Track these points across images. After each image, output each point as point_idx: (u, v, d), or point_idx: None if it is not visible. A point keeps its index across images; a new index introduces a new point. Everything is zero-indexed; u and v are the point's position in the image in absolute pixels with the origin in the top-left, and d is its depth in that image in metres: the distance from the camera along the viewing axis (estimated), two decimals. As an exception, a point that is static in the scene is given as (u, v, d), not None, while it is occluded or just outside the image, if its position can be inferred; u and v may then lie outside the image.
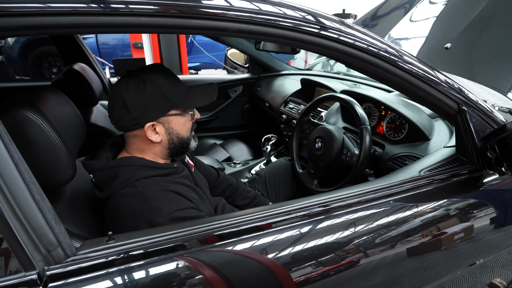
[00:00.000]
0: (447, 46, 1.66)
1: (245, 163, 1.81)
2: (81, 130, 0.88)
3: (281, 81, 2.24)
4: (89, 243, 0.55)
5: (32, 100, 0.71)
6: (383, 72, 0.81)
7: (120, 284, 0.52)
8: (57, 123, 0.73)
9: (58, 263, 0.50)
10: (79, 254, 0.52)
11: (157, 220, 0.71)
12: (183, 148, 0.86)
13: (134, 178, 0.76)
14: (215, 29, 0.64)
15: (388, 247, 0.76)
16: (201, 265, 0.59)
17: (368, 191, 0.78)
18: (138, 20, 0.58)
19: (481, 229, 0.91)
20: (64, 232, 0.54)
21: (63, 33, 0.57)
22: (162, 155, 0.85)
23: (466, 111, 0.89)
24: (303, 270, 0.67)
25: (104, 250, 0.53)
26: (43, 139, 0.67)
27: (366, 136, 1.13)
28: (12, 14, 0.49)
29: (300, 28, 0.69)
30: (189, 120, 0.85)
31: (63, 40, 1.78)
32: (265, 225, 0.67)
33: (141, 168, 0.79)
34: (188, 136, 0.86)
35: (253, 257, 0.65)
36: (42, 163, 0.68)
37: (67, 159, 0.70)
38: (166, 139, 0.82)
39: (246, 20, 0.65)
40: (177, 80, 0.82)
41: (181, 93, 0.81)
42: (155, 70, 0.80)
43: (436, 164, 0.93)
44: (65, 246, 0.51)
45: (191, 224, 0.63)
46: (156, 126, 0.80)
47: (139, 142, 0.82)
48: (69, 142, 0.77)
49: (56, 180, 0.70)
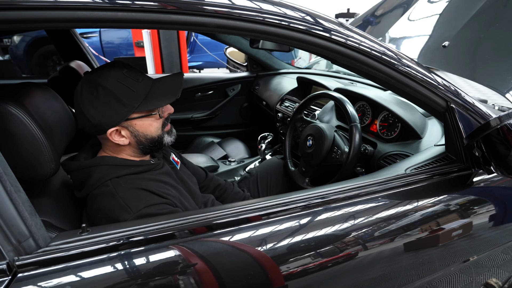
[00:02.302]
0: (445, 44, 1.63)
1: (240, 161, 1.82)
2: (69, 125, 0.88)
3: (279, 79, 2.24)
4: (63, 235, 0.56)
5: (15, 95, 0.72)
6: (367, 68, 0.80)
7: (91, 276, 0.53)
8: (40, 117, 0.74)
9: (29, 253, 0.50)
10: (52, 245, 0.53)
11: (124, 217, 0.70)
12: (156, 147, 0.84)
13: (106, 178, 0.76)
14: (194, 24, 0.64)
15: (370, 246, 0.75)
16: (183, 258, 0.59)
17: (349, 188, 0.77)
18: (116, 15, 0.59)
19: (475, 227, 0.89)
20: (39, 224, 0.54)
21: (58, 27, 0.57)
22: (135, 154, 0.84)
23: (455, 108, 0.88)
24: (292, 263, 0.68)
25: (76, 242, 0.54)
26: (24, 133, 0.68)
27: (356, 134, 1.12)
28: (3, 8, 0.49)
29: (282, 24, 0.69)
30: (156, 120, 0.81)
31: (61, 38, 1.80)
32: (256, 216, 0.67)
33: (114, 167, 0.78)
34: (159, 134, 0.83)
35: (243, 248, 0.65)
36: (24, 156, 0.69)
37: (49, 154, 0.71)
38: (134, 141, 0.80)
39: (226, 16, 0.65)
40: (136, 79, 0.76)
41: (141, 94, 0.76)
42: (110, 72, 0.75)
43: (424, 162, 0.92)
44: (37, 237, 0.52)
45: (179, 216, 0.63)
46: (121, 130, 0.78)
47: (109, 144, 0.82)
48: (53, 137, 0.77)
49: (38, 173, 0.71)
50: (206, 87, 2.27)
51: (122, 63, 0.79)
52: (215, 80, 2.28)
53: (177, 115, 2.24)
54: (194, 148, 2.13)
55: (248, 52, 2.22)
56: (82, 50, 1.85)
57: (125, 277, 0.55)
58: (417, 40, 1.83)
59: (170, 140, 0.87)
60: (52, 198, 0.82)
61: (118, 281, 0.55)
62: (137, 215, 0.71)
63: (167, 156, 0.99)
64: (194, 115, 2.28)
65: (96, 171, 0.77)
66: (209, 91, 2.29)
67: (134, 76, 0.77)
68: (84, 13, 0.56)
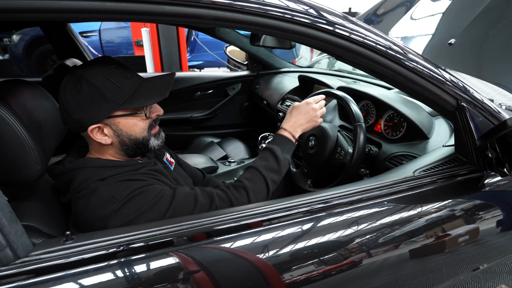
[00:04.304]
0: (451, 41, 1.59)
1: (240, 162, 1.77)
2: (59, 125, 0.84)
3: (280, 78, 2.19)
4: (45, 244, 0.51)
5: (0, 93, 0.68)
6: (374, 64, 0.75)
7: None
8: (27, 117, 0.70)
9: (5, 265, 0.46)
10: (32, 255, 0.48)
11: (112, 207, 0.66)
12: (140, 149, 0.79)
13: (89, 181, 0.71)
14: (189, 16, 0.60)
15: (376, 252, 0.71)
16: (179, 267, 0.55)
17: (355, 191, 0.73)
18: (104, 5, 0.54)
19: (483, 232, 0.85)
20: (19, 231, 0.50)
21: (42, 18, 0.53)
22: (119, 156, 0.79)
23: (466, 107, 0.83)
24: (294, 271, 0.64)
25: (59, 252, 0.50)
26: (8, 133, 0.64)
27: (360, 134, 1.07)
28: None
29: (285, 17, 0.64)
30: (143, 120, 0.77)
31: (57, 36, 1.76)
32: (256, 222, 0.64)
33: (98, 169, 0.74)
34: (144, 136, 0.78)
35: (244, 256, 0.61)
36: (8, 158, 0.64)
37: (35, 155, 0.67)
38: (116, 141, 0.76)
39: (224, 7, 0.60)
40: (124, 76, 0.73)
41: (127, 91, 0.72)
42: (97, 67, 0.71)
43: (433, 164, 0.87)
44: (16, 246, 0.47)
45: (176, 221, 0.59)
46: (103, 128, 0.73)
47: (93, 143, 0.77)
48: (42, 137, 0.73)
49: (23, 176, 0.67)
50: (206, 86, 2.23)
51: (112, 59, 0.75)
52: (215, 79, 2.23)
53: (176, 115, 2.20)
54: (193, 148, 2.09)
55: (249, 50, 2.17)
56: (78, 48, 1.81)
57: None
58: (421, 39, 1.78)
59: (157, 143, 0.82)
60: (40, 202, 0.78)
61: (105, 293, 0.50)
62: (123, 202, 0.66)
63: (160, 157, 0.94)
64: (194, 114, 2.24)
65: (79, 174, 0.72)
66: (208, 90, 2.24)
67: (122, 72, 0.73)
68: (69, 3, 0.52)
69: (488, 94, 1.36)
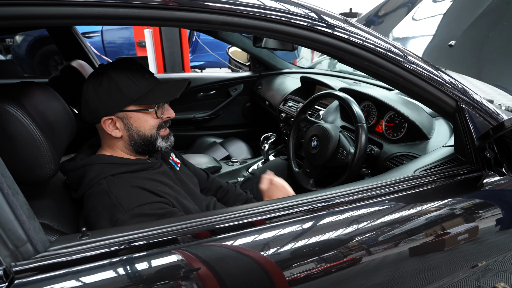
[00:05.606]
0: (451, 43, 1.61)
1: (243, 162, 1.80)
2: (69, 125, 0.87)
3: (282, 79, 2.21)
4: (62, 239, 0.54)
5: (14, 95, 0.70)
6: (376, 67, 0.78)
7: (91, 282, 0.51)
8: (40, 118, 0.72)
9: (27, 259, 0.48)
10: (50, 250, 0.51)
11: (117, 216, 0.69)
12: (148, 147, 0.83)
13: (101, 176, 0.75)
14: (198, 21, 0.62)
15: (377, 250, 0.73)
16: (186, 262, 0.57)
17: (356, 191, 0.75)
18: (117, 11, 0.57)
19: (482, 231, 0.87)
20: (37, 228, 0.52)
21: (59, 24, 0.56)
22: (129, 151, 0.84)
23: (465, 109, 0.85)
24: (295, 268, 0.66)
25: (76, 247, 0.52)
26: (23, 134, 0.66)
27: (362, 135, 1.10)
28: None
29: (290, 22, 0.67)
30: (153, 118, 0.81)
31: (62, 37, 1.79)
32: (259, 220, 0.66)
33: (109, 165, 0.78)
34: (152, 134, 0.82)
35: (246, 253, 0.63)
36: (23, 158, 0.67)
37: (49, 155, 0.69)
38: (126, 135, 0.81)
39: (231, 13, 0.62)
40: (142, 76, 0.79)
41: (142, 89, 0.78)
42: (119, 65, 0.78)
43: (433, 163, 0.89)
44: (35, 241, 0.50)
45: (182, 220, 0.62)
46: (116, 121, 0.79)
47: (105, 136, 0.82)
48: (53, 137, 0.76)
49: (37, 175, 0.69)
50: (208, 87, 2.25)
51: (135, 60, 0.82)
52: (217, 80, 2.26)
53: (179, 115, 2.22)
54: (196, 149, 2.11)
55: (251, 51, 2.20)
56: (83, 49, 1.84)
57: (127, 283, 0.53)
58: (422, 40, 1.80)
59: (164, 145, 0.85)
60: (52, 200, 0.80)
61: (120, 287, 0.53)
62: (129, 214, 0.69)
63: (166, 157, 0.97)
64: (196, 115, 2.26)
65: (91, 170, 0.77)
66: (211, 91, 2.27)
67: (141, 72, 0.80)
68: (85, 10, 0.54)
69: (488, 94, 1.38)
